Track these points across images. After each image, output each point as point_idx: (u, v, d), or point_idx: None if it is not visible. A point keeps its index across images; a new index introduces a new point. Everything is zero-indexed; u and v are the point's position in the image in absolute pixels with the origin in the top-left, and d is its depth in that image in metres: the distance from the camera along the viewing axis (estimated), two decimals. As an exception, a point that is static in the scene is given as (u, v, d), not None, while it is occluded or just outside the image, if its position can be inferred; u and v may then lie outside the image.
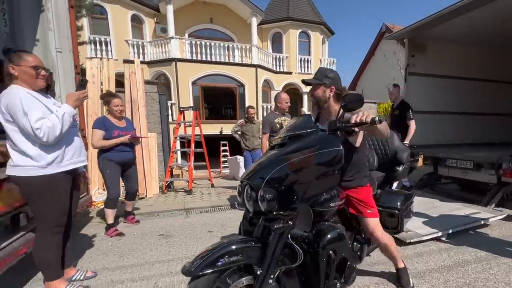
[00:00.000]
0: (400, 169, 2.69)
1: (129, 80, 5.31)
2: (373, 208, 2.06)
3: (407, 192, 2.81)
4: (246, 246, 1.60)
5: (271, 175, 1.55)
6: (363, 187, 2.06)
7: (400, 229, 2.51)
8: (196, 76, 12.27)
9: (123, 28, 12.21)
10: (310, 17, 15.74)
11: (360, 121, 1.55)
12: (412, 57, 5.66)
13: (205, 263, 1.48)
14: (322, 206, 1.78)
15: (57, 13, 3.43)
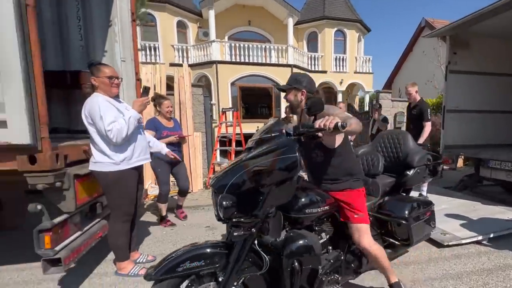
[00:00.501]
0: (410, 174, 2.44)
1: (178, 83, 5.64)
2: (361, 213, 1.89)
3: (422, 199, 2.56)
4: (212, 252, 1.53)
5: (232, 181, 1.45)
6: (353, 190, 1.92)
7: (411, 241, 2.25)
8: (234, 77, 12.55)
9: (169, 34, 12.83)
10: (346, 15, 15.32)
11: (323, 126, 1.46)
12: (454, 54, 5.32)
13: (165, 268, 1.43)
14: (298, 212, 1.70)
15: (122, 26, 3.75)
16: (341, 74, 15.31)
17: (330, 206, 1.87)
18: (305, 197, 1.76)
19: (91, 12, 3.63)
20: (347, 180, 1.92)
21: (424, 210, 2.39)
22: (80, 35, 3.68)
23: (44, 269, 2.07)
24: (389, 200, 2.36)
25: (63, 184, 2.07)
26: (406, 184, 2.48)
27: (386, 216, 2.26)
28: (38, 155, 1.87)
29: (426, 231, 2.49)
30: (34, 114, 1.82)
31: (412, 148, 2.57)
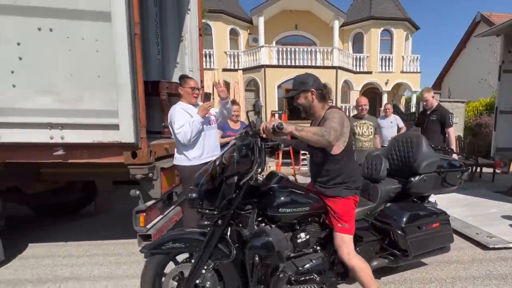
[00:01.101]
0: (413, 180, 2.20)
1: (233, 88, 6.05)
2: (346, 223, 1.79)
3: (431, 209, 2.28)
4: (193, 238, 1.70)
5: (205, 177, 1.63)
6: (342, 199, 1.82)
7: (409, 253, 2.06)
8: (281, 80, 12.72)
9: (223, 41, 13.44)
10: (393, 14, 14.46)
11: (266, 128, 1.50)
12: (509, 53, 4.91)
13: (154, 245, 1.70)
14: (273, 210, 1.72)
15: (191, 41, 4.19)
16: (387, 74, 14.57)
17: (313, 208, 1.83)
18: (284, 196, 1.76)
19: (167, 30, 4.09)
20: (338, 187, 1.83)
21: (427, 221, 2.14)
22: (158, 50, 4.18)
23: (138, 242, 2.46)
24: (389, 207, 2.17)
25: (153, 175, 2.50)
26: (411, 191, 2.23)
27: (381, 223, 2.08)
28: (138, 151, 2.31)
29: (433, 245, 2.21)
30: (137, 119, 2.26)
31: (424, 153, 2.31)
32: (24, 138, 2.11)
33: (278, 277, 1.68)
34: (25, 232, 3.49)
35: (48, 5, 2.02)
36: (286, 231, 1.83)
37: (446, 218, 2.25)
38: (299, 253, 1.87)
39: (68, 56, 2.11)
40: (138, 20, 2.20)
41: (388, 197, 2.22)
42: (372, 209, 2.14)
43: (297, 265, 1.83)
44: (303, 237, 1.82)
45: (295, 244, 1.83)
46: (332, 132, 1.60)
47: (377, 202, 2.14)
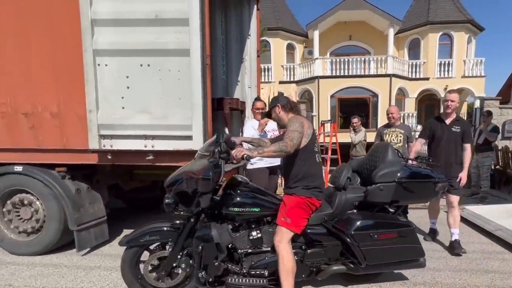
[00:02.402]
0: (369, 189, 2.03)
1: (287, 100, 6.18)
2: (288, 218, 1.82)
3: (395, 220, 2.07)
4: (167, 230, 1.95)
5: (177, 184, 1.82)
6: (296, 196, 1.86)
7: (362, 261, 1.93)
8: (334, 90, 12.33)
9: (280, 56, 13.64)
10: (453, 17, 12.78)
11: (236, 157, 1.70)
12: None
13: (131, 238, 1.91)
14: (225, 210, 1.90)
15: (250, 62, 4.47)
16: (446, 80, 12.89)
17: (266, 210, 1.95)
18: (238, 198, 1.91)
19: (231, 54, 4.43)
20: (296, 186, 1.89)
21: (381, 231, 1.96)
22: (223, 71, 4.56)
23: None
24: (348, 214, 2.05)
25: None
26: (367, 199, 2.06)
27: (336, 230, 2.00)
28: (206, 157, 2.63)
29: (394, 256, 2.02)
30: (206, 131, 2.58)
31: (387, 161, 2.12)
32: (127, 146, 2.61)
33: (214, 265, 1.81)
34: (121, 220, 4.10)
35: (147, 47, 2.47)
36: (244, 229, 1.97)
37: (409, 230, 2.02)
38: (257, 250, 1.96)
39: (159, 84, 2.53)
40: (209, 53, 2.52)
41: (352, 205, 2.09)
42: (330, 215, 2.04)
43: (252, 260, 1.94)
44: (254, 235, 1.92)
45: (250, 241, 1.94)
46: (289, 143, 1.74)
47: (335, 208, 2.03)
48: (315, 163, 1.95)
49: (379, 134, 3.99)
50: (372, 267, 2.01)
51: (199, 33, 2.39)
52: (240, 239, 1.97)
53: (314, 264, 2.01)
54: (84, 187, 3.02)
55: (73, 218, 2.80)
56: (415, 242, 2.05)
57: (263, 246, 1.97)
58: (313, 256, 1.99)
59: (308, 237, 2.01)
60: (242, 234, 1.97)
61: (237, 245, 1.95)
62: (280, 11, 13.86)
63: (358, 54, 13.30)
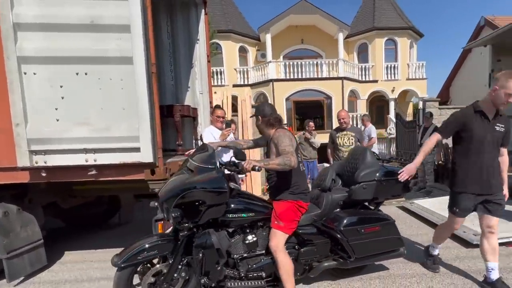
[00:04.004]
0: (353, 188, 2.40)
1: (240, 105, 6.44)
2: (281, 222, 2.08)
3: (376, 215, 2.47)
4: (162, 243, 2.02)
5: (180, 196, 1.91)
6: (285, 201, 2.14)
7: (351, 255, 2.27)
8: (289, 93, 13.11)
9: (232, 59, 14.04)
10: (396, 24, 14.72)
11: (246, 168, 1.92)
12: (498, 61, 5.09)
13: (127, 257, 1.90)
14: (222, 216, 2.06)
15: (200, 67, 4.61)
16: (393, 82, 14.69)
17: (260, 214, 2.17)
18: (232, 204, 2.09)
19: (179, 59, 4.52)
20: (283, 192, 2.16)
21: (367, 225, 2.32)
22: (172, 76, 4.61)
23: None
24: (336, 213, 2.38)
25: (170, 187, 2.87)
26: (352, 198, 2.41)
27: (326, 228, 2.31)
28: (156, 169, 2.69)
29: (378, 248, 2.39)
30: (155, 142, 2.65)
31: (366, 163, 2.51)
32: (65, 162, 2.53)
33: (217, 269, 2.00)
34: (62, 242, 3.91)
35: (83, 54, 2.46)
36: (239, 234, 2.18)
37: (390, 223, 2.43)
38: (253, 253, 2.19)
39: (99, 94, 2.53)
40: (154, 61, 2.62)
41: (338, 205, 2.44)
42: (319, 215, 2.37)
43: (249, 264, 2.17)
44: (250, 239, 2.15)
45: (246, 245, 2.16)
46: (292, 158, 1.97)
47: (323, 208, 2.36)
48: (299, 171, 2.23)
49: (331, 137, 4.40)
50: (360, 259, 2.34)
51: (142, 40, 2.46)
52: (235, 245, 2.17)
53: (307, 261, 2.30)
54: (14, 209, 2.83)
55: (1, 245, 2.62)
56: (396, 233, 2.45)
57: (258, 250, 2.20)
58: (306, 254, 2.28)
59: (300, 237, 2.29)
60: (237, 239, 2.17)
61: (233, 250, 2.14)
62: (230, 13, 14.33)
63: (310, 57, 14.38)
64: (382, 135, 11.83)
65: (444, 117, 8.19)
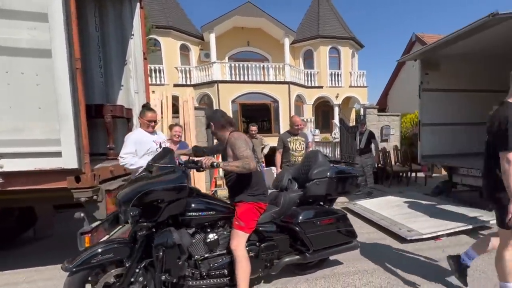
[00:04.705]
0: (307, 186, 2.77)
1: (182, 107, 6.38)
2: (242, 222, 2.27)
3: (329, 209, 2.87)
4: (119, 246, 2.06)
5: (139, 196, 1.99)
6: (245, 203, 2.34)
7: (309, 247, 2.58)
8: (235, 95, 13.33)
9: (173, 57, 13.75)
10: (339, 33, 16.19)
11: (205, 165, 2.09)
12: (426, 75, 6.00)
13: (80, 261, 1.92)
14: (183, 215, 2.21)
15: (136, 64, 4.46)
16: (337, 88, 16.06)
17: (220, 213, 2.35)
18: (192, 204, 2.25)
19: (110, 54, 4.34)
20: (243, 193, 2.36)
21: (321, 218, 2.67)
22: (101, 73, 4.38)
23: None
24: (293, 209, 2.68)
25: (98, 197, 2.74)
26: (307, 194, 2.78)
27: (285, 223, 2.60)
28: (82, 176, 2.55)
29: (334, 240, 2.76)
30: (80, 146, 2.51)
31: (319, 163, 2.90)
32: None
33: (178, 264, 2.11)
34: None
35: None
36: (200, 234, 2.33)
37: (342, 215, 2.83)
38: (214, 253, 2.34)
39: (6, 90, 2.31)
40: (79, 55, 2.50)
41: (295, 203, 2.75)
42: (278, 212, 2.63)
43: (210, 263, 2.31)
44: (211, 237, 2.32)
45: (207, 244, 2.31)
46: (251, 162, 2.16)
47: (281, 206, 2.64)
48: (257, 172, 2.40)
49: (281, 141, 4.56)
50: (318, 252, 2.67)
51: (63, 31, 2.35)
52: (196, 244, 2.30)
53: (268, 256, 2.52)
54: None
55: None
56: (349, 225, 2.84)
57: (219, 249, 2.36)
58: (266, 249, 2.50)
59: (260, 234, 2.51)
60: (198, 239, 2.31)
61: (194, 251, 2.27)
62: (170, 9, 14.09)
63: (256, 60, 14.91)
64: (328, 139, 12.82)
65: (382, 123, 9.36)
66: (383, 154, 8.02)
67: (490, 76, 6.33)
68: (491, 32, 4.47)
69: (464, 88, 6.30)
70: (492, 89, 6.36)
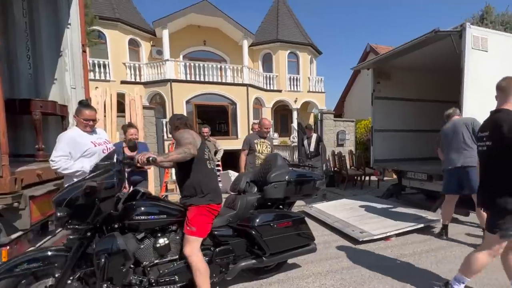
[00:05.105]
0: (266, 188, 2.78)
1: (129, 106, 6.07)
2: (193, 227, 2.23)
3: (288, 212, 2.92)
4: (52, 254, 1.95)
5: (71, 197, 1.92)
6: (195, 206, 2.28)
7: (266, 251, 2.61)
8: (190, 96, 13.07)
9: (121, 52, 13.07)
10: (298, 39, 16.79)
11: (141, 160, 2.00)
12: (378, 83, 6.54)
13: (3, 268, 1.81)
14: (129, 219, 2.15)
15: (73, 56, 4.15)
16: (296, 93, 16.60)
17: (171, 217, 2.31)
18: (141, 207, 2.20)
19: (41, 44, 3.98)
20: (193, 196, 2.30)
21: (279, 221, 2.71)
22: (29, 64, 3.99)
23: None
24: (251, 213, 2.71)
25: (20, 204, 2.45)
26: (265, 197, 2.80)
27: (242, 227, 2.61)
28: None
29: (292, 243, 2.81)
30: (-4, 144, 2.24)
31: (278, 166, 2.97)
32: None
33: (122, 271, 2.04)
34: None
35: None
36: (149, 239, 2.25)
37: (300, 218, 2.90)
38: (164, 259, 2.28)
39: None
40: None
41: (252, 206, 2.79)
42: (234, 216, 2.66)
43: (160, 270, 2.25)
44: (161, 242, 2.24)
45: (156, 249, 2.24)
46: (190, 146, 2.16)
47: (238, 209, 2.67)
48: (207, 170, 2.40)
49: (248, 141, 4.54)
50: (275, 255, 2.70)
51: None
52: (145, 250, 2.22)
53: (223, 261, 2.51)
54: None
55: None
56: (306, 228, 2.91)
57: (170, 254, 2.31)
58: (221, 254, 2.50)
59: (215, 238, 2.50)
60: (147, 244, 2.23)
61: (142, 257, 2.19)
62: (118, 0, 13.41)
63: (214, 60, 14.81)
64: (286, 143, 13.13)
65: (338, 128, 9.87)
66: (339, 158, 8.44)
67: (435, 88, 7.17)
68: (434, 47, 5.04)
69: (412, 97, 7.00)
70: (437, 99, 7.20)
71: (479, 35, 4.34)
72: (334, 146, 9.30)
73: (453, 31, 4.31)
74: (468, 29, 4.20)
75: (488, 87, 3.91)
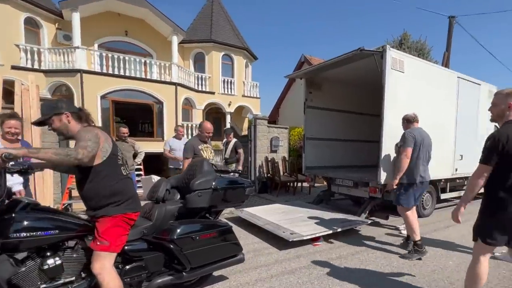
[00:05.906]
0: (188, 197, 2.65)
1: (20, 96, 5.29)
2: (105, 241, 2.00)
3: (213, 222, 2.81)
4: None
5: None
6: (108, 217, 2.05)
7: (187, 265, 2.47)
8: (106, 90, 12.08)
9: (13, 31, 11.42)
10: (233, 42, 17.05)
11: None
12: (310, 93, 7.12)
13: None
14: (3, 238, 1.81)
15: None
16: (230, 96, 16.73)
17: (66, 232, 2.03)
18: (22, 221, 1.86)
19: None
20: (105, 206, 2.05)
21: (202, 232, 2.57)
22: None
23: None
24: (170, 224, 2.54)
25: None
26: (187, 206, 2.65)
27: (158, 239, 2.44)
28: None
29: (217, 255, 2.71)
30: None
31: (203, 172, 2.88)
32: None
33: None
34: None
35: None
36: (33, 260, 1.95)
37: (227, 228, 2.80)
38: (56, 282, 1.99)
39: None
40: None
41: (172, 216, 2.63)
42: (150, 228, 2.46)
43: None
44: (51, 263, 1.94)
45: (44, 271, 1.93)
46: (80, 150, 1.83)
47: (155, 220, 2.50)
48: (121, 176, 2.17)
49: (192, 148, 4.34)
50: (197, 269, 2.58)
51: None
52: (27, 274, 1.90)
53: (134, 279, 2.32)
54: None
55: None
56: (234, 239, 2.82)
57: (64, 277, 2.03)
58: (132, 272, 2.31)
59: (126, 254, 2.27)
60: (30, 267, 1.92)
61: (22, 282, 1.88)
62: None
63: (137, 54, 14.02)
64: (219, 147, 13.05)
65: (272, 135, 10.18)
66: (272, 165, 8.74)
67: (361, 101, 8.11)
68: (360, 64, 5.66)
69: (341, 109, 7.78)
70: (362, 112, 8.19)
71: (397, 57, 4.98)
72: (267, 152, 9.57)
73: (376, 51, 4.88)
74: (388, 51, 4.78)
75: (403, 104, 4.89)
